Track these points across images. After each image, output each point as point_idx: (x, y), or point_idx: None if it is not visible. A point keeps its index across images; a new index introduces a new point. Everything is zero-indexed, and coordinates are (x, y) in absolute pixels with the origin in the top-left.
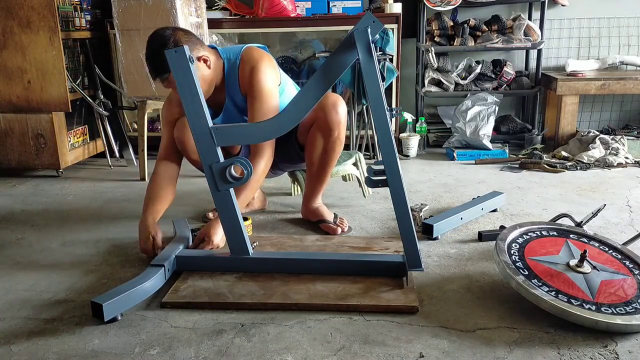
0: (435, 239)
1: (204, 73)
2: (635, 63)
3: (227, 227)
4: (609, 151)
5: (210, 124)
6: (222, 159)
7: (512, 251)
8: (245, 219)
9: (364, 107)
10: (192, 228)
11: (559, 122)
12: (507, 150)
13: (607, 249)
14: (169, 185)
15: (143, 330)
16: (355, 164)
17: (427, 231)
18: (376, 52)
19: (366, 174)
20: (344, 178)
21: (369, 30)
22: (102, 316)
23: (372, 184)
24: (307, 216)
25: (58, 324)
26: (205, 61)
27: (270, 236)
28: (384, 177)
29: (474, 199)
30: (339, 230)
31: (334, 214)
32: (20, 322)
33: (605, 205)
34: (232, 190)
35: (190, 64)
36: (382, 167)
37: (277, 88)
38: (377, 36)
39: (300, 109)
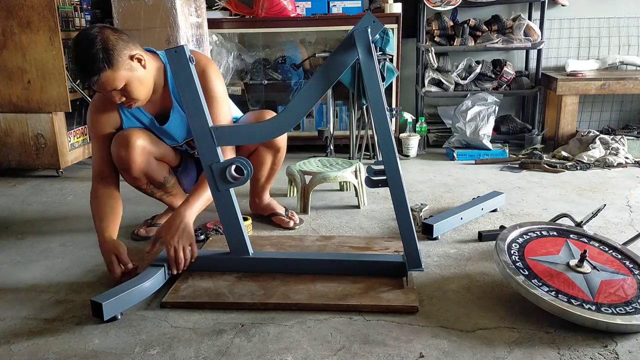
0: (435, 239)
1: (138, 74)
2: (635, 63)
3: (228, 227)
4: (609, 151)
5: (211, 124)
6: (222, 159)
7: (512, 251)
8: (245, 219)
9: (364, 107)
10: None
11: (559, 122)
12: (507, 150)
13: (607, 249)
14: (116, 201)
15: (143, 330)
16: (354, 173)
17: (427, 231)
18: (376, 52)
19: (366, 174)
20: (342, 187)
21: (369, 30)
22: (101, 315)
23: (372, 184)
24: (258, 211)
25: (58, 324)
26: (139, 60)
27: (270, 236)
28: (384, 177)
29: (474, 199)
30: (291, 222)
31: (285, 207)
32: (20, 322)
33: (605, 205)
34: (232, 190)
35: (190, 63)
36: (382, 167)
37: (226, 93)
38: (377, 36)
39: (301, 108)
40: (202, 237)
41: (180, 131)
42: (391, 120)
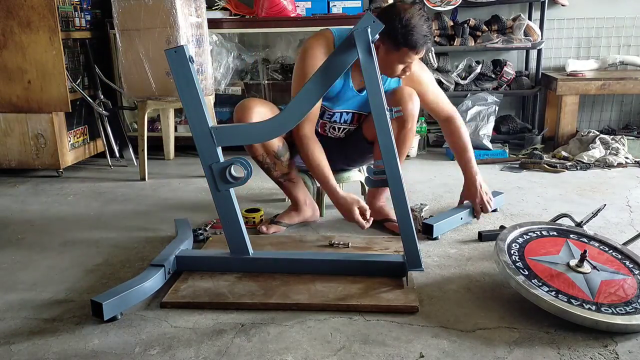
0: (435, 239)
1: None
2: (635, 63)
3: (227, 227)
4: (609, 151)
5: (211, 123)
6: (222, 159)
7: (512, 251)
8: (256, 210)
9: None
10: (194, 228)
11: (559, 122)
12: (507, 150)
13: (607, 249)
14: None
15: (143, 330)
16: (359, 169)
17: (427, 231)
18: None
19: (367, 174)
20: (340, 186)
21: (369, 30)
22: (101, 315)
23: (372, 183)
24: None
25: (58, 324)
26: None
27: (270, 236)
28: (384, 177)
29: None
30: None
31: None
32: (20, 322)
33: (605, 205)
34: (232, 190)
35: (190, 63)
36: (382, 167)
37: None
38: (377, 36)
39: (301, 109)
40: (202, 237)
41: (352, 104)
42: (391, 120)
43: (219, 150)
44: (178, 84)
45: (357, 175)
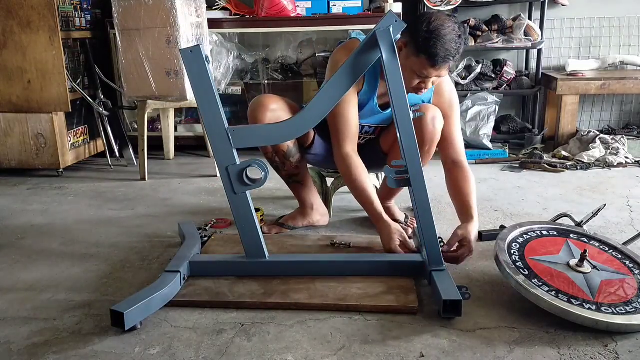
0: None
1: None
2: (635, 63)
3: (244, 230)
4: (609, 151)
5: (226, 124)
6: (238, 161)
7: (512, 251)
8: (257, 209)
9: None
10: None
11: (559, 121)
12: (507, 150)
13: (607, 249)
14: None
15: (143, 330)
16: (376, 176)
17: None
18: None
19: (387, 175)
20: None
21: (391, 29)
22: (122, 325)
23: (395, 183)
24: None
25: (58, 323)
26: None
27: (271, 235)
28: (405, 177)
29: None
30: (410, 230)
31: (405, 214)
32: (20, 322)
33: (605, 205)
34: (248, 192)
35: (206, 64)
36: (401, 166)
37: None
38: (400, 36)
39: (321, 108)
40: (205, 239)
41: (375, 120)
42: (413, 120)
43: (235, 152)
44: (193, 84)
45: (373, 180)
